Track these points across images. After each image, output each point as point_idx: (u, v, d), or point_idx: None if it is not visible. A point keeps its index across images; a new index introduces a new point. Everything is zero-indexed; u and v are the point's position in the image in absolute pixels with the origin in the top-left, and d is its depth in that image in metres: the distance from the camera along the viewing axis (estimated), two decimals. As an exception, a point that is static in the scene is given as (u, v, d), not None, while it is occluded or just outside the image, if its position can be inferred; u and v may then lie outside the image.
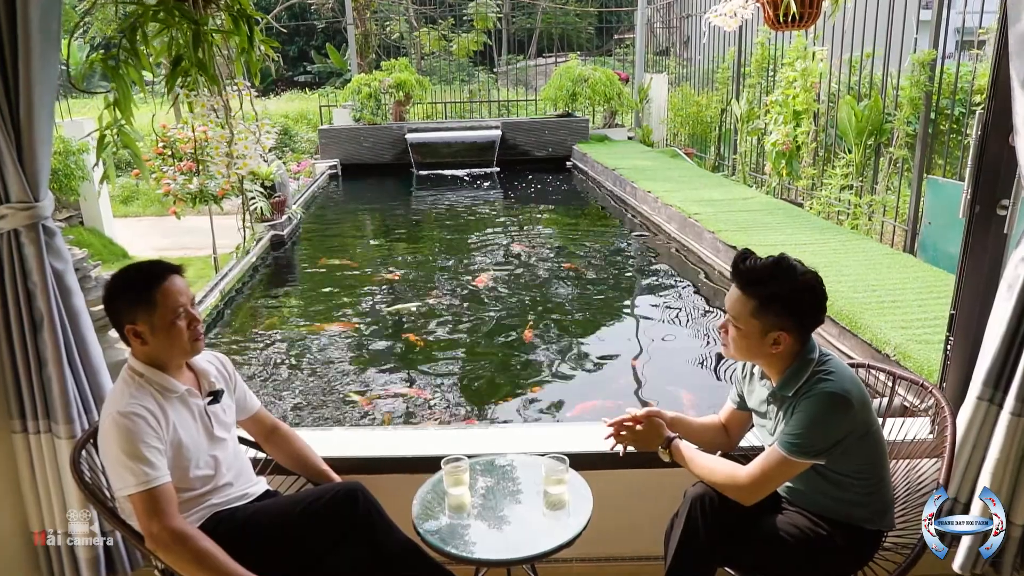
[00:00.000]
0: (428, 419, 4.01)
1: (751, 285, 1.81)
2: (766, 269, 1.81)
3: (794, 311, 1.81)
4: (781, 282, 1.79)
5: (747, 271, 1.82)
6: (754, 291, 1.81)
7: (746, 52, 9.28)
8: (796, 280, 1.80)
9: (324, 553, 1.85)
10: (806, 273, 1.81)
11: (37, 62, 1.76)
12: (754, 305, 1.81)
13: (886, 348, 3.69)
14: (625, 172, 9.29)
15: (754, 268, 1.81)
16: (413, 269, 6.89)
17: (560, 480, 1.95)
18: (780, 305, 1.79)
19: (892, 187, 6.68)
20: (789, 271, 1.80)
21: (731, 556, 1.92)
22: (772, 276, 1.80)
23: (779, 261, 1.82)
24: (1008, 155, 1.97)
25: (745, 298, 1.82)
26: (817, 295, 1.82)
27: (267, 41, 2.18)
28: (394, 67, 13.06)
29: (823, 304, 1.84)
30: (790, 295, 1.79)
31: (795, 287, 1.79)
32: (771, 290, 1.79)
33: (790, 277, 1.80)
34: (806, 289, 1.80)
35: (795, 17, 2.68)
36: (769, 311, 1.80)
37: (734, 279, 1.85)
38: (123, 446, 1.70)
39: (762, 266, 1.81)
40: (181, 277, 1.86)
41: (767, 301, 1.79)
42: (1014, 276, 1.94)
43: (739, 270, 1.84)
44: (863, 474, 1.86)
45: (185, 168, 6.04)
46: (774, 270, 1.80)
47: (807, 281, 1.80)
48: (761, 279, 1.80)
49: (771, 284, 1.79)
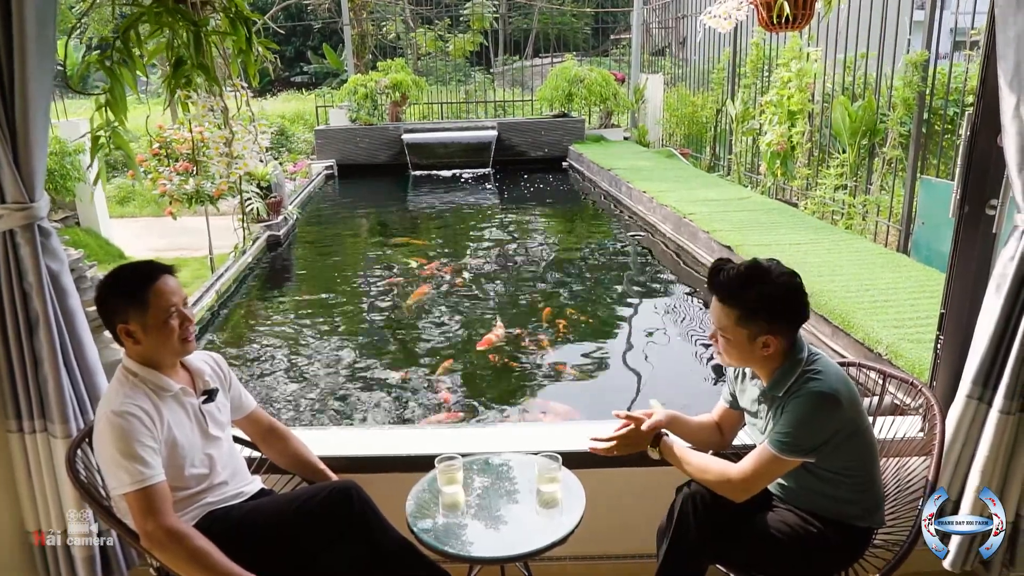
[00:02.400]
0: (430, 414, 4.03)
1: (730, 297, 1.82)
2: (740, 278, 1.81)
3: (776, 314, 1.82)
4: (758, 288, 1.80)
5: (723, 284, 1.82)
6: (734, 302, 1.81)
7: (741, 53, 9.30)
8: (773, 284, 1.80)
9: (319, 551, 1.86)
10: (782, 275, 1.81)
11: (33, 62, 1.76)
12: (737, 315, 1.82)
13: (878, 347, 3.71)
14: (621, 172, 9.29)
15: (729, 280, 1.82)
16: (411, 269, 6.89)
17: (553, 478, 1.96)
18: (762, 310, 1.80)
19: (886, 187, 6.71)
20: (764, 276, 1.81)
21: (723, 554, 1.93)
22: (748, 285, 1.80)
23: (752, 268, 1.82)
24: (996, 155, 1.99)
25: (728, 309, 1.83)
26: (796, 294, 1.82)
27: (265, 42, 2.19)
28: (390, 67, 13.06)
29: (804, 301, 1.84)
30: (769, 300, 1.80)
31: (773, 291, 1.80)
32: (749, 298, 1.80)
33: (766, 282, 1.80)
34: (784, 291, 1.81)
35: (788, 19, 2.71)
36: (752, 318, 1.81)
37: (712, 292, 1.86)
38: (118, 445, 1.71)
39: (736, 275, 1.81)
40: (174, 277, 1.87)
41: (748, 310, 1.80)
42: (1002, 275, 1.96)
43: (715, 283, 1.84)
44: (853, 471, 1.88)
45: (181, 169, 6.04)
46: (749, 278, 1.80)
47: (784, 283, 1.81)
48: (738, 289, 1.81)
49: (749, 292, 1.80)
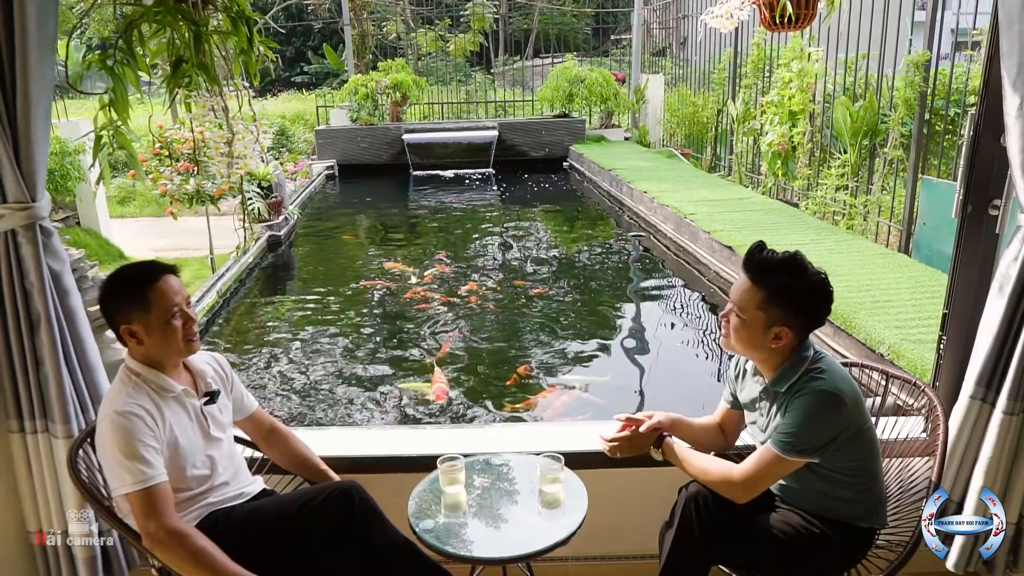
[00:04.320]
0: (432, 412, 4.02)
1: (763, 275, 1.81)
2: (780, 262, 1.81)
3: (800, 308, 1.81)
4: (792, 277, 1.80)
5: (760, 261, 1.82)
6: (764, 282, 1.81)
7: (742, 53, 9.29)
8: (807, 278, 1.80)
9: (320, 552, 1.86)
10: (817, 274, 1.82)
11: (34, 62, 1.76)
12: (762, 296, 1.81)
13: (880, 347, 3.71)
14: (621, 172, 9.29)
15: (768, 259, 1.82)
16: (410, 265, 6.89)
17: (555, 479, 1.96)
18: (787, 299, 1.80)
19: (887, 187, 6.70)
20: (800, 268, 1.81)
21: (725, 554, 1.93)
22: (784, 269, 1.80)
23: (794, 256, 1.83)
24: (999, 155, 1.98)
25: (755, 288, 1.82)
26: (825, 297, 1.82)
27: (266, 42, 2.18)
28: (391, 68, 13.07)
29: (828, 307, 1.84)
30: (799, 291, 1.80)
31: (805, 284, 1.80)
32: (781, 283, 1.79)
33: (800, 274, 1.80)
34: (816, 288, 1.81)
35: (791, 19, 2.71)
36: (775, 304, 1.80)
37: (746, 269, 1.85)
38: (120, 445, 1.70)
39: (777, 259, 1.82)
40: (176, 276, 1.86)
41: (775, 293, 1.80)
42: (1005, 276, 1.96)
43: (753, 259, 1.84)
44: (856, 472, 1.87)
45: (182, 169, 6.04)
46: (787, 264, 1.81)
47: (818, 281, 1.81)
48: (773, 271, 1.81)
49: (782, 277, 1.80)
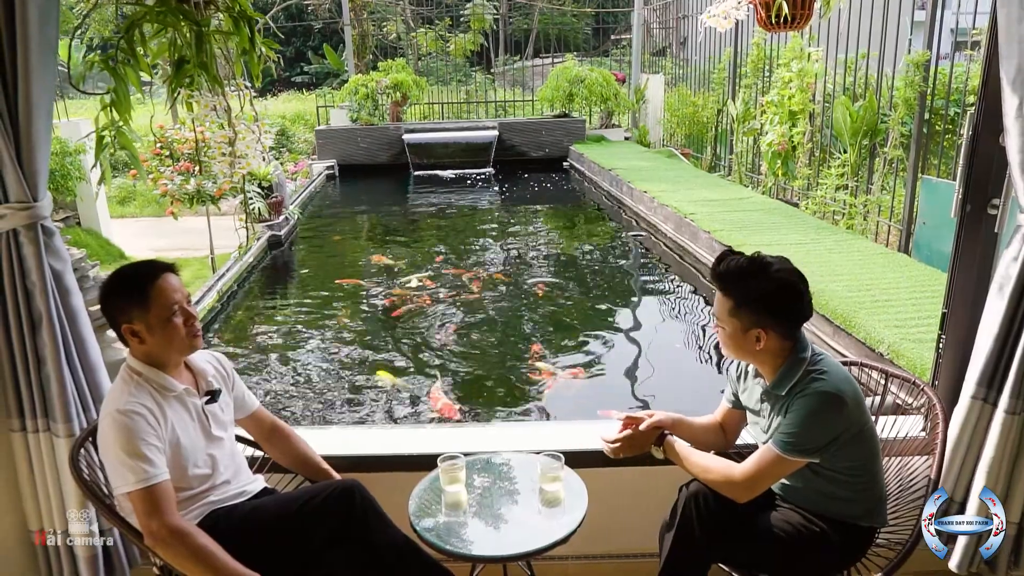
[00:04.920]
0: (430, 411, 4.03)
1: (728, 284, 1.86)
2: (738, 269, 1.85)
3: (768, 308, 1.83)
4: (755, 280, 1.82)
5: (722, 273, 1.87)
6: (731, 290, 1.85)
7: (742, 53, 9.29)
8: (768, 279, 1.82)
9: (321, 550, 1.87)
10: (780, 271, 1.83)
11: (36, 62, 1.77)
12: (731, 305, 1.85)
13: (880, 347, 3.71)
14: (622, 172, 9.29)
15: (728, 270, 1.86)
16: (411, 263, 6.90)
17: (556, 477, 1.97)
18: (756, 302, 1.83)
19: (887, 187, 6.70)
20: (761, 270, 1.83)
21: (726, 553, 1.94)
22: (745, 276, 1.83)
23: (752, 261, 1.85)
24: (998, 155, 1.99)
25: (724, 298, 1.87)
26: (792, 292, 1.84)
27: (267, 42, 2.19)
28: (391, 68, 13.07)
29: (800, 300, 1.85)
30: (766, 292, 1.82)
31: (766, 286, 1.82)
32: (744, 289, 1.83)
33: (763, 275, 1.83)
34: (780, 286, 1.83)
35: (787, 19, 2.71)
36: (746, 309, 1.84)
37: (712, 280, 1.90)
38: (122, 444, 1.71)
39: (735, 266, 1.85)
40: (175, 275, 1.87)
41: (741, 300, 1.84)
42: (1005, 275, 1.96)
43: (715, 272, 1.89)
44: (856, 471, 1.88)
45: (182, 169, 6.04)
46: (750, 268, 1.84)
47: (781, 278, 1.83)
48: (734, 279, 1.84)
49: (743, 283, 1.83)
